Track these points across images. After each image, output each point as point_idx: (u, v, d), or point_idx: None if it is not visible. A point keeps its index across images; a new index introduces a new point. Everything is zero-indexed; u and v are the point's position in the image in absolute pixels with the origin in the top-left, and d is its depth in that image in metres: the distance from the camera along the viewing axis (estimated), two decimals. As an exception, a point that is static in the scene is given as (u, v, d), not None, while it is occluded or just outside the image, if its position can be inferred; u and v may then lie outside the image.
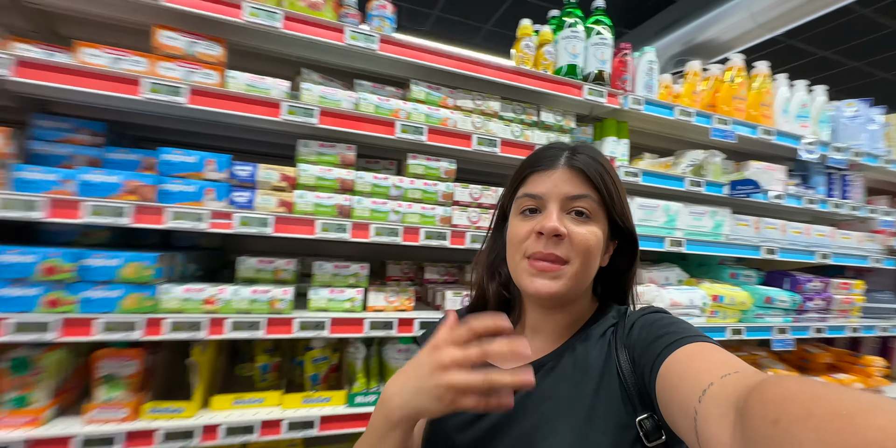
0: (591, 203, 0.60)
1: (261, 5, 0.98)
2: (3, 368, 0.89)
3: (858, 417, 0.24)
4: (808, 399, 0.28)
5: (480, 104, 1.28)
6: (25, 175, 0.89)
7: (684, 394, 0.43)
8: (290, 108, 1.02)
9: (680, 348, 0.49)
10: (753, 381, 0.37)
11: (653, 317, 0.59)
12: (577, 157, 0.62)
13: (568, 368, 0.60)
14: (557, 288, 0.59)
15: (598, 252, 0.61)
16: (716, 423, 0.37)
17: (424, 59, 1.16)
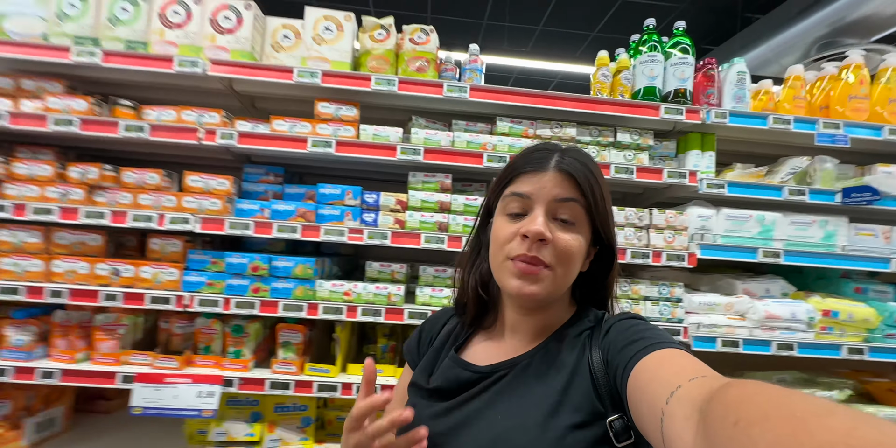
0: (578, 208, 0.62)
1: (382, 76, 1.34)
2: (227, 331, 1.37)
3: (812, 420, 0.25)
4: (766, 402, 0.30)
5: (558, 131, 1.46)
6: (241, 206, 1.37)
7: (653, 395, 0.45)
8: (402, 149, 1.35)
9: (652, 353, 0.51)
10: (718, 384, 0.38)
11: (629, 322, 0.61)
12: (567, 161, 0.63)
13: (541, 367, 0.63)
14: (538, 290, 0.61)
15: (580, 258, 0.63)
16: (680, 424, 0.38)
17: (506, 99, 1.40)
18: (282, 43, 1.40)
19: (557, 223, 0.61)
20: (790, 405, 0.28)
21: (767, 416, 0.28)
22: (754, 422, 0.28)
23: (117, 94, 1.36)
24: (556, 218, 0.62)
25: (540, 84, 6.47)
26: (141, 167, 1.36)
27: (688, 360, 0.49)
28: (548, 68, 4.97)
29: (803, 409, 0.27)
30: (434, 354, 0.73)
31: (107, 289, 1.30)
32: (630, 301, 1.41)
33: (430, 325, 0.81)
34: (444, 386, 0.66)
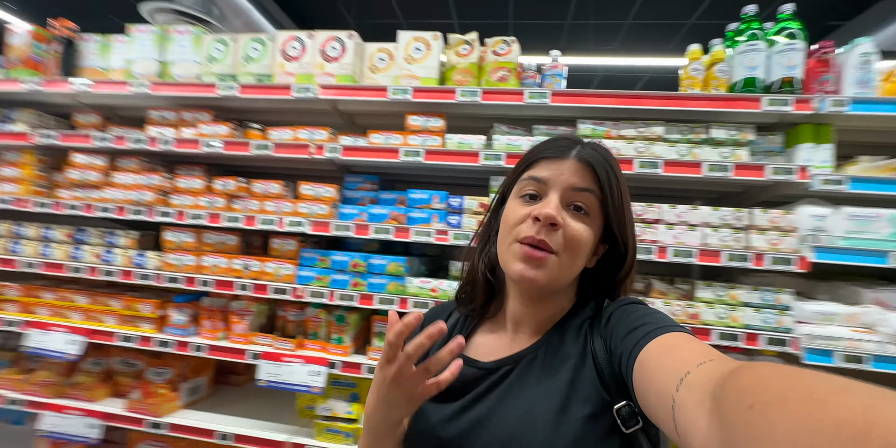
0: (593, 199, 0.61)
1: (466, 88, 1.44)
2: (331, 320, 1.57)
3: (830, 398, 0.25)
4: (782, 384, 0.29)
5: (643, 131, 1.43)
6: (343, 210, 1.55)
7: (662, 383, 0.44)
8: (485, 155, 1.43)
9: (656, 338, 0.50)
10: (728, 368, 0.37)
11: (629, 308, 0.60)
12: (588, 152, 0.63)
13: (546, 361, 0.62)
14: (540, 276, 0.59)
15: (587, 250, 0.61)
16: (693, 411, 0.38)
17: (588, 101, 1.41)
18: (377, 65, 1.58)
19: (570, 211, 0.61)
20: (806, 385, 0.28)
21: (784, 398, 0.27)
22: (771, 404, 0.28)
23: (249, 119, 1.65)
24: (570, 206, 0.61)
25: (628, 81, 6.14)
26: (266, 179, 1.62)
27: (693, 344, 0.48)
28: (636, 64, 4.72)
29: (819, 388, 0.27)
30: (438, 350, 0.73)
31: (240, 280, 1.56)
32: (727, 307, 1.32)
33: (432, 318, 0.79)
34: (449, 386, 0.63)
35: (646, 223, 1.39)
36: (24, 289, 1.72)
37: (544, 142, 0.67)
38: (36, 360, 1.78)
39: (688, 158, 1.38)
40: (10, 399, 1.63)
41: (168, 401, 1.58)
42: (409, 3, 4.78)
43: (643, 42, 4.90)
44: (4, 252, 1.71)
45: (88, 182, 1.67)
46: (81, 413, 1.57)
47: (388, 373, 0.55)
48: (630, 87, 6.36)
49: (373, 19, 5.10)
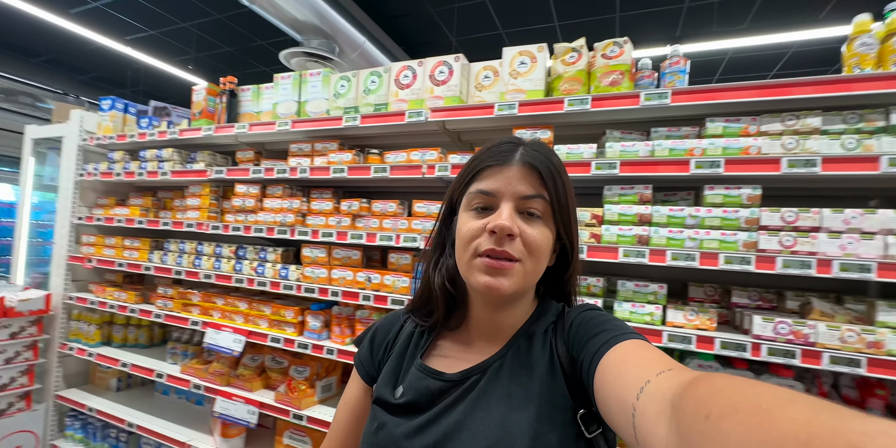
0: (543, 203, 0.61)
1: (574, 97, 1.40)
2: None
3: (776, 411, 0.27)
4: (734, 395, 0.31)
5: (793, 124, 1.22)
6: (454, 225, 1.61)
7: (622, 391, 0.45)
8: (597, 164, 1.36)
9: (615, 346, 0.52)
10: (686, 378, 0.39)
11: (589, 314, 0.61)
12: (530, 154, 0.62)
13: (514, 368, 0.61)
14: (506, 285, 0.59)
15: (547, 251, 0.62)
16: (653, 419, 0.39)
17: (718, 97, 1.26)
18: (483, 83, 1.62)
19: (524, 217, 0.61)
20: (756, 397, 0.29)
21: (736, 409, 0.29)
22: (724, 415, 0.29)
23: (369, 145, 1.82)
24: (523, 212, 0.61)
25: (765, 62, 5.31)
26: (384, 198, 1.76)
27: (651, 353, 0.49)
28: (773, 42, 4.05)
29: (768, 400, 0.28)
30: (396, 363, 0.70)
31: (363, 291, 1.72)
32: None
33: (381, 331, 0.77)
34: (414, 399, 0.63)
35: (800, 232, 1.18)
36: (203, 295, 2.13)
37: (485, 148, 0.66)
38: (210, 354, 2.17)
39: (858, 152, 1.14)
40: (195, 384, 2.01)
41: (307, 396, 1.80)
42: (508, 14, 4.82)
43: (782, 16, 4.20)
44: (191, 266, 2.13)
45: (247, 208, 2.00)
46: (243, 401, 1.87)
47: None
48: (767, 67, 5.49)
49: (474, 34, 5.25)
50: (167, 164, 2.21)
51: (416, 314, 0.73)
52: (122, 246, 2.38)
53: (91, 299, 2.39)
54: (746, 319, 1.28)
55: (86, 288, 2.61)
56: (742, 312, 1.35)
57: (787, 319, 1.20)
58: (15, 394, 2.35)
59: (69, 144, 2.52)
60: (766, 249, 1.21)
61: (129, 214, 2.35)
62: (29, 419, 2.41)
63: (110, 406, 2.30)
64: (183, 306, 2.16)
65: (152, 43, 5.93)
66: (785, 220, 1.20)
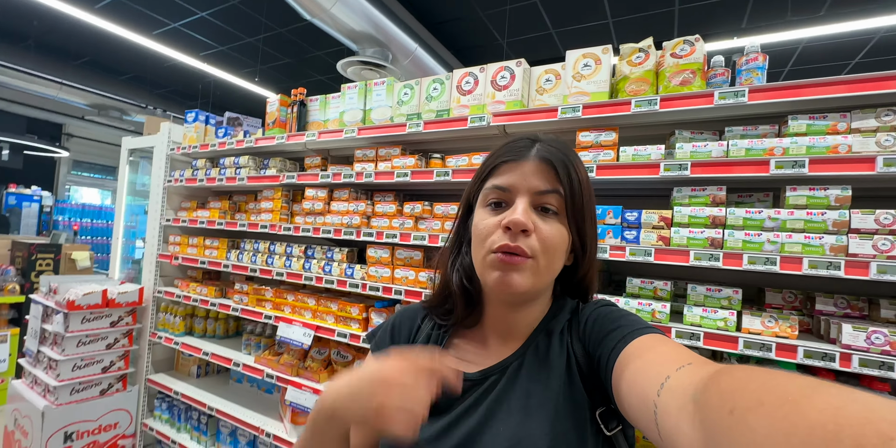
0: (559, 198, 0.59)
1: (641, 98, 1.38)
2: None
3: (803, 401, 0.26)
4: (758, 387, 0.30)
5: (890, 119, 1.14)
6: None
7: (642, 388, 0.45)
8: (665, 166, 1.34)
9: (632, 341, 0.51)
10: (708, 372, 0.38)
11: (603, 310, 0.60)
12: (547, 149, 0.61)
13: (533, 367, 0.60)
14: (520, 282, 0.58)
15: (563, 249, 0.60)
16: (675, 415, 0.38)
17: (801, 94, 1.20)
18: (544, 86, 1.64)
19: (539, 213, 0.60)
20: (782, 388, 0.28)
21: (761, 402, 0.28)
22: (750, 408, 0.28)
23: (431, 149, 1.89)
24: (538, 208, 0.60)
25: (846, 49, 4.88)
26: (445, 201, 1.82)
27: (669, 347, 0.49)
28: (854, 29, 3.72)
29: (794, 391, 0.27)
30: None
31: (424, 291, 1.78)
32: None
33: (402, 322, 0.75)
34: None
35: None
36: (275, 292, 2.29)
37: (502, 145, 0.65)
38: (282, 346, 2.33)
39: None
40: (267, 374, 2.16)
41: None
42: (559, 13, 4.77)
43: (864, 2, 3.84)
44: (264, 264, 2.30)
45: (315, 210, 2.13)
46: (311, 391, 1.99)
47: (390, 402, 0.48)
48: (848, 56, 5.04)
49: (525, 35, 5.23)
50: (244, 171, 2.40)
51: (434, 312, 0.73)
52: (203, 245, 2.62)
53: (177, 293, 2.64)
54: (833, 328, 1.21)
55: (171, 283, 2.88)
56: (829, 320, 1.27)
57: (882, 329, 1.12)
58: (114, 376, 2.65)
59: (159, 153, 2.81)
60: (857, 254, 1.13)
61: (209, 217, 2.57)
62: (125, 399, 2.70)
63: (192, 391, 2.53)
64: (257, 301, 2.33)
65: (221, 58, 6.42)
66: (881, 222, 1.12)
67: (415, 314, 0.77)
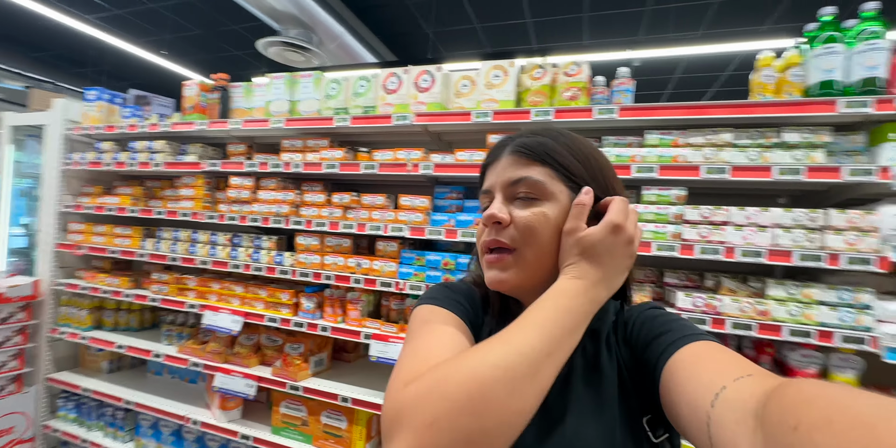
0: (534, 183, 0.57)
1: (539, 108, 1.64)
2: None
3: (880, 424, 0.24)
4: (828, 405, 0.28)
5: (712, 138, 1.51)
6: (434, 217, 1.84)
7: (693, 396, 0.42)
8: (557, 167, 1.62)
9: (684, 347, 0.49)
10: (770, 385, 0.36)
11: (652, 313, 0.58)
12: (518, 141, 0.61)
13: (585, 371, 0.58)
14: (506, 277, 0.58)
15: (551, 226, 0.57)
16: (732, 429, 0.36)
17: (655, 114, 1.53)
18: (461, 90, 1.84)
19: (517, 202, 0.59)
20: (855, 408, 0.26)
21: (831, 421, 0.26)
22: (817, 426, 0.27)
23: (358, 143, 2.01)
24: (515, 199, 0.59)
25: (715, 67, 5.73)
26: (372, 192, 1.97)
27: (726, 355, 0.46)
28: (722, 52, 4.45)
29: (870, 412, 0.25)
30: None
31: (354, 275, 1.93)
32: (800, 305, 1.37)
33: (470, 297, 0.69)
34: None
35: (714, 225, 1.48)
36: (199, 280, 2.27)
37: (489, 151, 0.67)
38: (207, 334, 2.34)
39: (758, 163, 1.44)
40: (193, 363, 2.18)
41: (302, 370, 2.01)
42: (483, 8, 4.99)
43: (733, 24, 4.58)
44: (186, 253, 2.27)
45: (241, 198, 2.15)
46: (241, 375, 2.06)
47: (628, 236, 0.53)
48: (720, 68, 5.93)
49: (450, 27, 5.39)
50: (159, 156, 2.31)
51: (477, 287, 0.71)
52: (112, 234, 2.48)
53: (82, 285, 2.48)
54: (672, 295, 1.59)
55: (73, 274, 2.68)
56: (673, 290, 1.65)
57: (702, 294, 1.51)
58: (6, 377, 2.44)
59: (53, 133, 2.56)
60: (688, 239, 1.50)
61: (119, 203, 2.43)
62: (20, 401, 2.50)
63: (105, 386, 2.43)
64: (179, 291, 2.30)
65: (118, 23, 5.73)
66: (703, 215, 1.50)
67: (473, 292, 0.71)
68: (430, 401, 0.41)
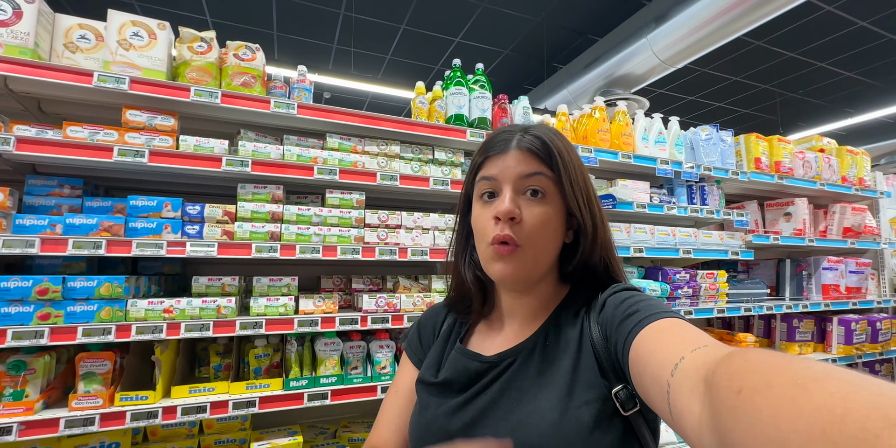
0: (545, 180, 0.62)
1: (203, 88, 1.34)
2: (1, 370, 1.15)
3: (812, 385, 0.26)
4: (769, 370, 0.30)
5: (384, 148, 1.65)
6: (22, 222, 1.18)
7: (657, 368, 0.45)
8: (227, 160, 1.36)
9: (650, 324, 0.51)
10: (721, 354, 0.38)
11: (622, 295, 0.61)
12: (527, 137, 0.64)
13: (546, 350, 0.63)
14: (513, 270, 0.62)
15: (552, 231, 0.63)
16: (687, 395, 0.38)
17: (334, 118, 1.53)
18: (79, 43, 1.29)
19: (526, 198, 0.63)
20: (792, 372, 0.28)
21: (770, 384, 0.28)
22: (758, 389, 0.29)
23: None
24: (526, 193, 0.63)
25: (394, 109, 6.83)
26: None
27: (687, 330, 0.48)
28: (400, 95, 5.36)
29: (805, 375, 0.27)
30: (440, 349, 0.73)
31: None
32: (452, 293, 1.65)
33: (428, 321, 0.80)
34: (452, 377, 0.66)
35: (389, 228, 1.60)
36: None
37: (488, 139, 0.68)
38: None
39: (419, 174, 1.67)
40: None
41: None
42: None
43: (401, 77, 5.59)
44: None
45: None
46: None
47: None
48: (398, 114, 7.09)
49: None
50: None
51: (454, 309, 0.77)
52: None
53: None
54: (359, 299, 1.59)
55: None
56: (359, 295, 1.66)
57: (384, 295, 1.59)
58: None
59: None
60: (369, 242, 1.55)
61: None
62: None
63: None
64: None
65: None
66: (381, 219, 1.59)
67: (437, 312, 0.81)
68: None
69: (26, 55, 1.19)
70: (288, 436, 1.43)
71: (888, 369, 2.90)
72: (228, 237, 1.38)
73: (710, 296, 2.20)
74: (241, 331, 1.33)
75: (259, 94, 1.45)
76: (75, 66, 1.24)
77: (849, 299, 2.59)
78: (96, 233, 1.22)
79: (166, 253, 1.27)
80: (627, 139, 2.14)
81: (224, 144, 1.39)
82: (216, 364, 1.47)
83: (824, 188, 2.59)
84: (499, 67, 5.70)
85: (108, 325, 1.19)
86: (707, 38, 3.84)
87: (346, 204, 1.56)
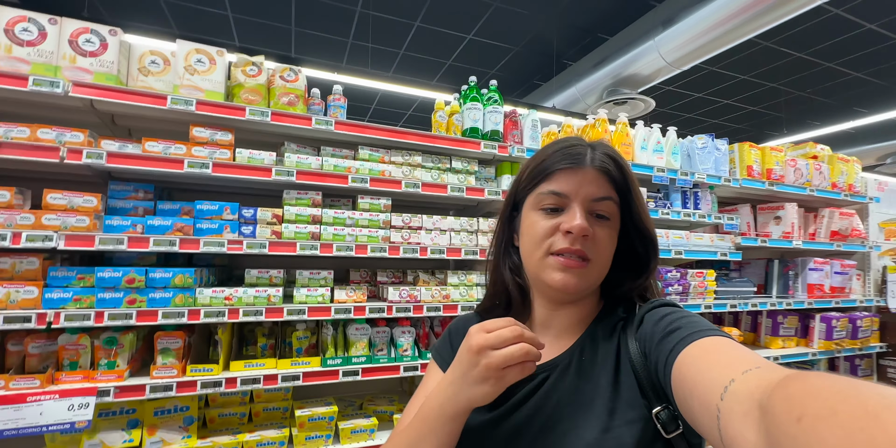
0: (612, 206, 0.64)
1: (256, 108, 1.55)
2: (98, 344, 1.40)
3: (884, 414, 0.24)
4: (832, 396, 0.28)
5: (408, 158, 1.85)
6: (111, 222, 1.41)
7: (704, 390, 0.43)
8: (276, 170, 1.57)
9: (694, 342, 0.49)
10: (776, 376, 0.36)
11: (662, 310, 0.59)
12: (601, 157, 0.65)
13: (583, 365, 0.62)
14: (577, 282, 0.62)
15: (612, 252, 0.65)
16: (739, 421, 0.36)
17: (366, 132, 1.73)
18: (150, 68, 1.50)
19: (593, 219, 0.64)
20: (859, 398, 0.26)
21: (835, 411, 0.26)
22: (821, 417, 0.27)
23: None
24: (593, 214, 0.64)
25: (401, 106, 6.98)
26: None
27: (736, 350, 0.46)
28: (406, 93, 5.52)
29: (875, 402, 0.25)
30: None
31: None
32: (466, 287, 1.87)
33: (458, 328, 0.79)
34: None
35: (412, 229, 1.82)
36: None
37: (555, 151, 0.68)
38: None
39: (438, 181, 1.88)
40: None
41: None
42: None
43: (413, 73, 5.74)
44: None
45: None
46: None
47: (494, 359, 0.51)
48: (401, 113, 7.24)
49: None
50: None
51: (487, 316, 0.72)
52: None
53: None
54: (384, 290, 1.83)
55: None
56: (383, 286, 1.89)
57: (406, 287, 1.81)
58: None
59: None
60: (394, 241, 1.77)
61: None
62: None
63: None
64: None
65: None
66: (404, 221, 1.81)
67: (469, 320, 0.78)
68: None
69: (112, 81, 1.40)
70: (325, 405, 1.68)
71: (868, 364, 3.10)
72: (276, 236, 1.61)
73: (698, 293, 2.41)
74: (288, 316, 1.56)
75: (301, 111, 1.66)
76: (151, 91, 1.45)
77: (832, 298, 2.79)
78: (171, 232, 1.46)
79: (227, 250, 1.50)
80: (627, 148, 2.33)
81: (272, 156, 1.61)
82: (262, 344, 1.72)
83: (814, 194, 2.76)
84: (509, 63, 5.82)
85: (181, 310, 1.43)
86: (712, 43, 3.96)
87: (375, 208, 1.78)
